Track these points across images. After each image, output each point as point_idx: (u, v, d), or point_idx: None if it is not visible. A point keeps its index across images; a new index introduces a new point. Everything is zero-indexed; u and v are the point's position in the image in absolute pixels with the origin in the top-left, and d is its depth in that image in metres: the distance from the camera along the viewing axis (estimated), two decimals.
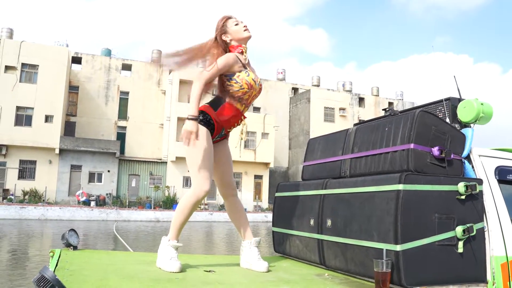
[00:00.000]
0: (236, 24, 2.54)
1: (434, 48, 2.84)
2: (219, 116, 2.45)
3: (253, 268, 2.46)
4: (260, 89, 2.58)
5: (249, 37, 2.57)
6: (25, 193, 28.52)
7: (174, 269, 2.21)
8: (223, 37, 2.55)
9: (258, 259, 2.48)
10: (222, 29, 2.55)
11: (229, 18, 2.57)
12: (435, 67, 2.79)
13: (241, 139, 2.59)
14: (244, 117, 2.59)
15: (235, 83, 2.45)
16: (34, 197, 28.51)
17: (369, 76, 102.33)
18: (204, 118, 2.40)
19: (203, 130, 2.36)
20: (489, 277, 2.28)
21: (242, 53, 2.54)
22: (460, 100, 2.62)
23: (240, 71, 2.47)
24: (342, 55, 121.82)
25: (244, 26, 2.55)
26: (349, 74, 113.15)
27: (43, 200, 28.61)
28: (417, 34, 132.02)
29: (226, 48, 2.55)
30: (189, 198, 2.38)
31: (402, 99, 46.39)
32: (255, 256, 2.50)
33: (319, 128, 36.58)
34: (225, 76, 2.48)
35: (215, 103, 2.49)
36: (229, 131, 2.63)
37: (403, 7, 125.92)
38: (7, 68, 29.80)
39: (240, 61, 2.49)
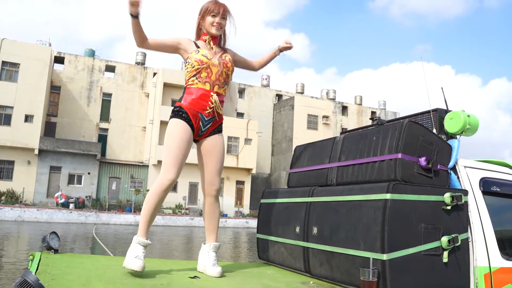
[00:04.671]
0: (214, 16, 2.56)
1: (417, 58, 2.89)
2: (185, 102, 2.49)
3: (207, 272, 2.43)
4: (225, 64, 2.56)
5: (213, 35, 2.60)
6: (1, 194, 27.87)
7: (136, 267, 2.14)
8: (200, 22, 2.62)
9: (213, 264, 2.46)
10: (200, 14, 2.62)
11: (213, 6, 2.57)
12: (420, 77, 2.84)
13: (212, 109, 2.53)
14: (214, 93, 2.52)
15: (188, 64, 2.54)
16: (11, 198, 27.89)
17: (350, 83, 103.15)
18: (175, 110, 2.48)
19: (176, 122, 2.44)
20: (472, 287, 2.31)
21: (206, 41, 2.60)
22: (447, 111, 2.66)
23: (191, 52, 2.55)
24: (322, 60, 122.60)
25: (216, 23, 2.56)
26: (329, 81, 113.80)
27: (20, 201, 28.00)
28: (397, 41, 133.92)
29: (200, 32, 2.65)
30: (154, 186, 2.39)
31: (385, 109, 47.03)
32: (210, 261, 2.48)
33: (302, 135, 36.78)
34: (183, 62, 2.60)
35: (181, 95, 2.56)
36: (218, 122, 2.59)
37: (382, 12, 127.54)
38: None
39: (195, 44, 2.57)
